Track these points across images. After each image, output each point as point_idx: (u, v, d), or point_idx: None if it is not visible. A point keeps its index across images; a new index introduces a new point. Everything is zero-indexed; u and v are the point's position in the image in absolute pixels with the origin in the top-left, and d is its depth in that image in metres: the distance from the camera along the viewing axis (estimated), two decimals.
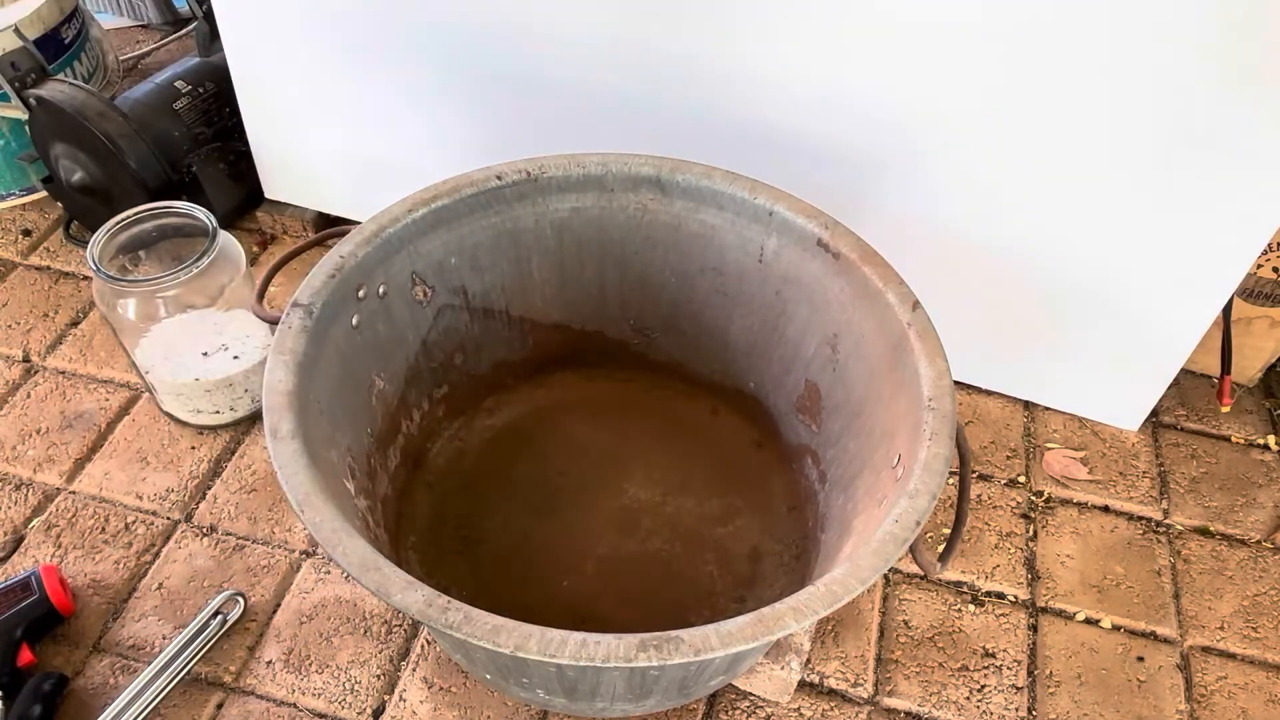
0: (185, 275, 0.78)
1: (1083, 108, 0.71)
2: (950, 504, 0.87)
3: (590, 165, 0.72)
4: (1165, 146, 0.72)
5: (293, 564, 0.80)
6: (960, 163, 0.78)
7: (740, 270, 0.75)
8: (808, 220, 0.69)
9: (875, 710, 0.74)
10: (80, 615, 0.76)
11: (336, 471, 0.60)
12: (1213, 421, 0.95)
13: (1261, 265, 0.86)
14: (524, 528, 0.78)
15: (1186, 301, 0.81)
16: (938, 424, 0.57)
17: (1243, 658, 0.78)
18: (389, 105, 0.92)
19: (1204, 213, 0.75)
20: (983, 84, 0.73)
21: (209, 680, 0.73)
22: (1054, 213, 0.79)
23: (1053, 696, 0.75)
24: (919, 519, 0.53)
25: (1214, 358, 0.92)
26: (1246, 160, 0.70)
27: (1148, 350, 0.86)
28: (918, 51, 0.72)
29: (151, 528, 0.82)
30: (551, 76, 0.84)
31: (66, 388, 0.93)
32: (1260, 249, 0.75)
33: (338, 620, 0.77)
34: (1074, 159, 0.75)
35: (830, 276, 0.69)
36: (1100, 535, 0.86)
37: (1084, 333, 0.87)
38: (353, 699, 0.72)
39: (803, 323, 0.74)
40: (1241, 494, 0.89)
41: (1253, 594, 0.82)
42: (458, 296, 0.75)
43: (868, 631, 0.78)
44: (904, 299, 0.64)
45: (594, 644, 0.46)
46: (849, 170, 0.81)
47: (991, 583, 0.82)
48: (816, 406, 0.75)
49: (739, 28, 0.75)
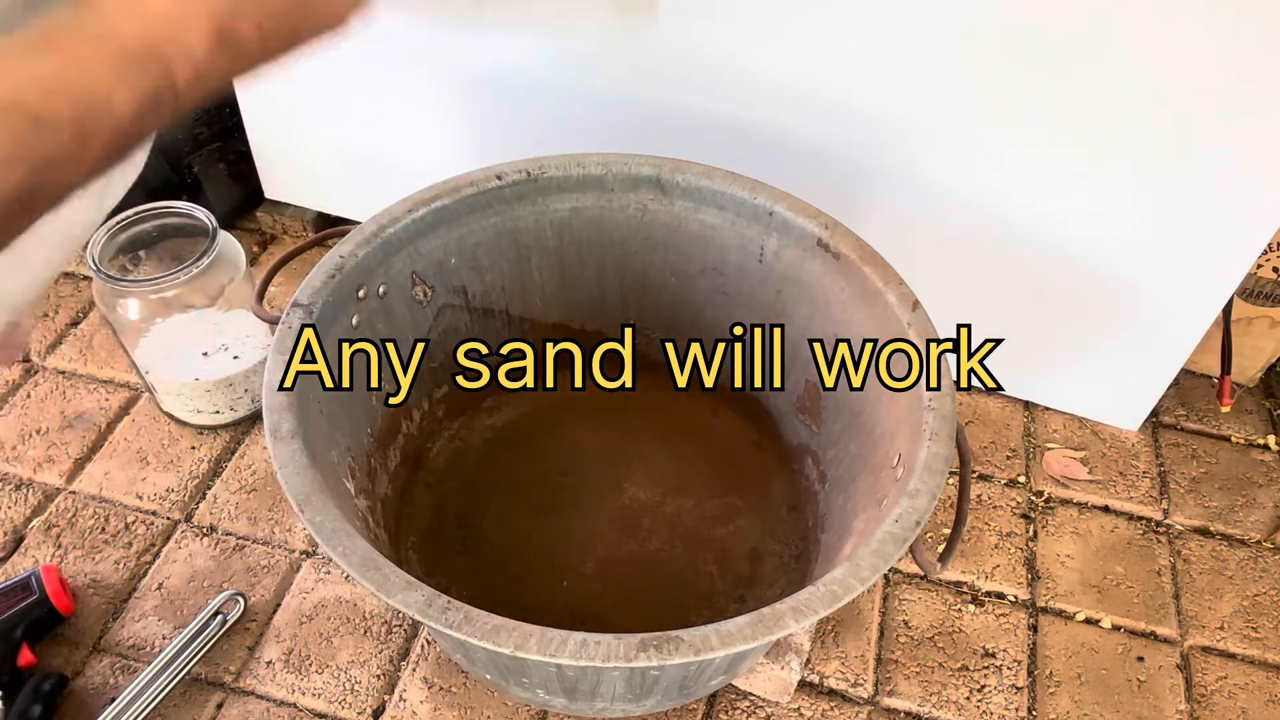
0: (185, 275, 0.78)
1: (1083, 108, 0.71)
2: (950, 504, 0.87)
3: (590, 165, 0.72)
4: (1165, 147, 0.72)
5: (293, 564, 0.80)
6: (960, 163, 0.78)
7: (740, 270, 0.75)
8: (808, 220, 0.69)
9: (875, 710, 0.74)
10: (80, 615, 0.76)
11: (336, 471, 0.61)
12: (1213, 421, 0.95)
13: (1261, 265, 0.86)
14: (524, 528, 0.78)
15: (1186, 301, 0.81)
16: (938, 424, 0.57)
17: (1243, 658, 0.78)
18: (389, 105, 0.92)
19: (1204, 213, 0.75)
20: (983, 84, 0.73)
21: (209, 680, 0.73)
22: (1054, 213, 0.79)
23: (1053, 696, 0.75)
24: (919, 519, 0.53)
25: (1214, 358, 0.92)
26: (1247, 160, 0.70)
27: (1148, 350, 0.86)
28: (918, 51, 0.72)
29: (151, 528, 0.82)
30: (552, 76, 0.84)
31: (66, 388, 0.93)
32: (1260, 249, 0.75)
33: (338, 620, 0.77)
34: (1074, 159, 0.75)
35: (830, 276, 0.69)
36: (1100, 535, 0.86)
37: (1084, 333, 0.86)
38: (353, 699, 0.72)
39: (803, 323, 0.74)
40: (1241, 494, 0.89)
41: (1253, 594, 0.82)
42: (458, 296, 0.75)
43: (868, 631, 0.78)
44: (904, 299, 0.64)
45: (594, 644, 0.46)
46: (849, 170, 0.81)
47: (991, 583, 0.82)
48: (816, 406, 0.75)
49: (739, 27, 0.75)
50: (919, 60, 0.73)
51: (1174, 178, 0.73)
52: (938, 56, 0.72)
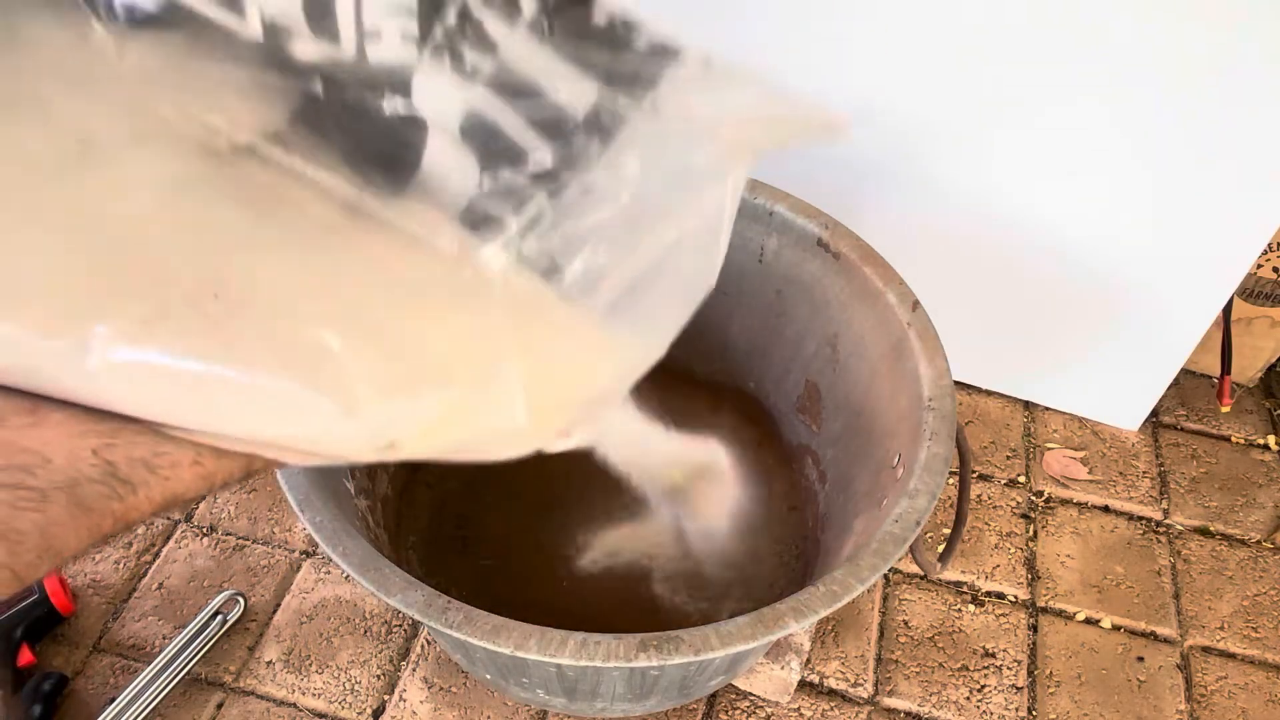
0: None
1: (1083, 108, 0.71)
2: (950, 504, 0.87)
3: None
4: (1165, 147, 0.72)
5: (293, 564, 0.80)
6: (960, 162, 0.78)
7: (740, 270, 0.75)
8: (808, 220, 0.69)
9: (875, 710, 0.74)
10: (80, 615, 0.76)
11: (336, 471, 0.60)
12: (1213, 421, 0.95)
13: (1261, 265, 0.86)
14: (524, 528, 0.78)
15: (1186, 301, 0.81)
16: (937, 424, 0.57)
17: (1243, 658, 0.78)
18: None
19: (1204, 213, 0.75)
20: (983, 84, 0.73)
21: (209, 680, 0.73)
22: (1054, 213, 0.79)
23: (1053, 696, 0.75)
24: (919, 519, 0.53)
25: (1214, 358, 0.92)
26: (1247, 160, 0.70)
27: (1148, 350, 0.85)
28: (919, 50, 0.72)
29: (151, 528, 0.82)
30: None
31: None
32: (1260, 249, 0.75)
33: (338, 620, 0.77)
34: (1074, 159, 0.75)
35: (830, 276, 0.69)
36: (1100, 535, 0.86)
37: (1084, 332, 0.86)
38: (353, 699, 0.72)
39: (803, 322, 0.74)
40: (1241, 494, 0.89)
41: (1253, 594, 0.82)
42: None
43: (868, 631, 0.78)
44: (904, 299, 0.64)
45: (594, 644, 0.46)
46: (849, 170, 0.81)
47: (991, 583, 0.82)
48: (816, 406, 0.75)
49: (739, 27, 0.75)
50: (919, 60, 0.73)
51: (1174, 178, 0.73)
52: (938, 56, 0.72)
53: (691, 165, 0.37)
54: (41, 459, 0.30)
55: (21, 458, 0.30)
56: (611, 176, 0.34)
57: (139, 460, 0.31)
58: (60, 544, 0.30)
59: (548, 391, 0.35)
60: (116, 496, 0.31)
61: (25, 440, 0.30)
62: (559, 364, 0.36)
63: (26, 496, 0.30)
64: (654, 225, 0.37)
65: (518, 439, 0.36)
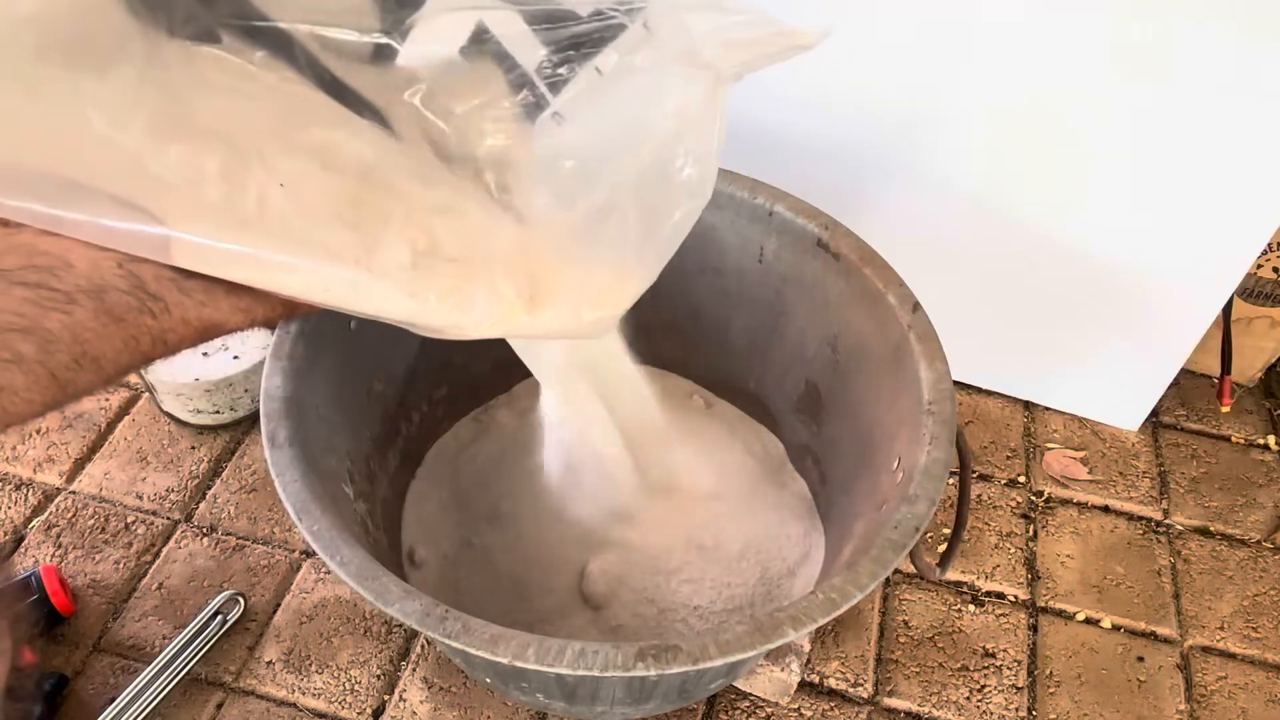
0: None
1: (1083, 108, 0.71)
2: (950, 504, 0.87)
3: None
4: (1165, 147, 0.71)
5: (293, 564, 0.80)
6: (960, 163, 0.78)
7: (740, 270, 0.75)
8: (808, 220, 0.69)
9: (875, 710, 0.74)
10: (80, 615, 0.76)
11: (335, 476, 0.60)
12: (1213, 421, 0.95)
13: (1261, 265, 0.85)
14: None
15: (1186, 301, 0.81)
16: (937, 428, 0.57)
17: (1243, 658, 0.78)
18: None
19: (1204, 213, 0.74)
20: (983, 84, 0.72)
21: (209, 680, 0.73)
22: (1054, 213, 0.78)
23: (1053, 696, 0.75)
24: (918, 525, 0.52)
25: (1214, 358, 0.91)
26: (1247, 160, 0.70)
27: (1148, 350, 0.85)
28: (919, 50, 0.72)
29: (151, 528, 0.82)
30: None
31: None
32: (1260, 249, 0.75)
33: (338, 620, 0.77)
34: (1074, 159, 0.74)
35: (830, 277, 0.69)
36: (1100, 535, 0.86)
37: (1084, 333, 0.86)
38: (353, 699, 0.73)
39: (803, 323, 0.73)
40: (1241, 494, 0.89)
41: (1253, 594, 0.82)
42: None
43: (868, 632, 0.78)
44: (904, 300, 0.64)
45: (592, 653, 0.45)
46: (849, 170, 0.81)
47: (991, 583, 0.82)
48: (816, 407, 0.75)
49: None
50: (920, 59, 0.73)
51: (1174, 178, 0.73)
52: (939, 56, 0.72)
53: (681, 77, 0.41)
54: (63, 262, 0.30)
55: (42, 259, 0.30)
56: (605, 80, 0.38)
57: (167, 279, 0.32)
58: (95, 350, 0.30)
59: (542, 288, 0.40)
60: (148, 312, 0.32)
61: (44, 244, 0.30)
62: (550, 261, 0.40)
63: (50, 296, 0.30)
64: (647, 133, 0.41)
65: (492, 311, 0.39)
